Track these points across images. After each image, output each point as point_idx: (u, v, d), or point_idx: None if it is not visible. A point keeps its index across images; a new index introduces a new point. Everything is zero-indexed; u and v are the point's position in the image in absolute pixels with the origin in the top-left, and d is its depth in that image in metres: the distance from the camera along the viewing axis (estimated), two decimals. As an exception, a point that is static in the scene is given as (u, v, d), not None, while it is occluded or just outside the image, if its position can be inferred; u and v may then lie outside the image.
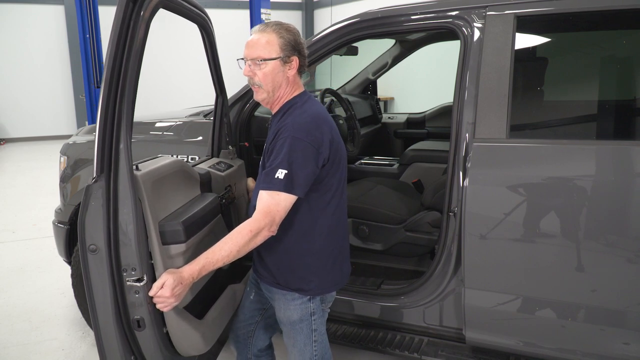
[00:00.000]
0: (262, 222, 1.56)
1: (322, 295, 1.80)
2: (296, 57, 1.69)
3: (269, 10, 9.16)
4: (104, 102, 1.49)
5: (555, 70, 2.15)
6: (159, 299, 1.51)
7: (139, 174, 1.57)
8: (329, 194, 1.70)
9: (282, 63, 1.67)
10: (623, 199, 1.81)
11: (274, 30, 1.66)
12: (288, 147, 1.57)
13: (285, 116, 1.67)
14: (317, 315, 1.79)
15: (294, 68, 1.69)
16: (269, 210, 1.56)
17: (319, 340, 1.82)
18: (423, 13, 2.18)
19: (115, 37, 1.49)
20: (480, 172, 1.95)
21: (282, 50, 1.66)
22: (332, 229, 1.74)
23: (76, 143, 2.94)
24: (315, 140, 1.59)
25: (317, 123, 1.63)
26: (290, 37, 1.67)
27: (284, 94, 1.72)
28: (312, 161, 1.59)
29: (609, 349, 1.91)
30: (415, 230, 2.83)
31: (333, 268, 1.77)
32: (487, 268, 2.01)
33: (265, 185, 1.58)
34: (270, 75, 1.67)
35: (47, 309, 3.30)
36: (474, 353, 2.21)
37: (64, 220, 2.84)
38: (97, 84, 9.13)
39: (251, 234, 1.55)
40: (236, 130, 2.54)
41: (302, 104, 1.69)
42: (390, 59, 4.23)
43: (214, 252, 1.55)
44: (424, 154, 3.63)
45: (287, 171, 1.55)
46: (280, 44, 1.65)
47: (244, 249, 1.56)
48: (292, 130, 1.58)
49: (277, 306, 1.81)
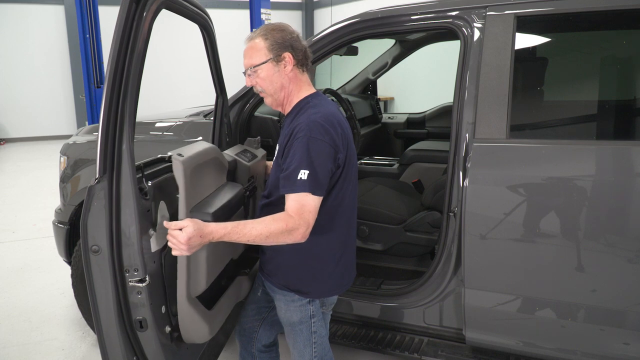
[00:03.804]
0: (297, 222, 1.52)
1: (322, 299, 1.80)
2: (288, 53, 1.67)
3: (269, 10, 9.15)
4: (107, 103, 1.49)
5: (555, 70, 2.15)
6: (172, 239, 1.47)
7: (181, 159, 1.58)
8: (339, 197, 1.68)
9: (274, 63, 1.66)
10: (623, 199, 1.81)
11: (258, 35, 1.68)
12: (306, 147, 1.54)
13: (299, 115, 1.65)
14: (316, 317, 1.79)
15: (289, 64, 1.67)
16: (302, 211, 1.53)
17: (319, 342, 1.81)
18: (423, 13, 2.18)
19: (118, 37, 1.49)
20: (480, 172, 1.95)
21: (270, 52, 1.65)
22: (336, 233, 1.72)
23: (76, 143, 2.94)
24: (332, 139, 1.58)
25: (332, 123, 1.61)
26: (277, 35, 1.66)
27: (290, 93, 1.71)
28: (331, 161, 1.58)
29: (609, 349, 1.92)
30: (415, 230, 2.83)
31: (334, 273, 1.76)
32: (487, 268, 2.02)
33: (289, 188, 1.55)
34: (268, 78, 1.68)
35: (47, 309, 3.30)
36: (474, 353, 2.22)
37: (64, 220, 2.84)
38: (97, 84, 9.13)
39: (285, 227, 1.51)
40: (236, 130, 2.54)
41: (315, 104, 1.68)
42: (390, 59, 4.23)
43: (245, 226, 1.51)
44: (424, 154, 3.63)
45: (309, 171, 1.52)
46: (267, 45, 1.66)
47: (273, 239, 1.52)
48: (308, 130, 1.56)
49: (278, 306, 1.81)
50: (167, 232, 1.50)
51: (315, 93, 1.75)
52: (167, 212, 1.72)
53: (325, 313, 1.87)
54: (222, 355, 2.53)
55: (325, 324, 1.89)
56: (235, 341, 2.82)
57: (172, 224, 1.49)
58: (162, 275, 1.68)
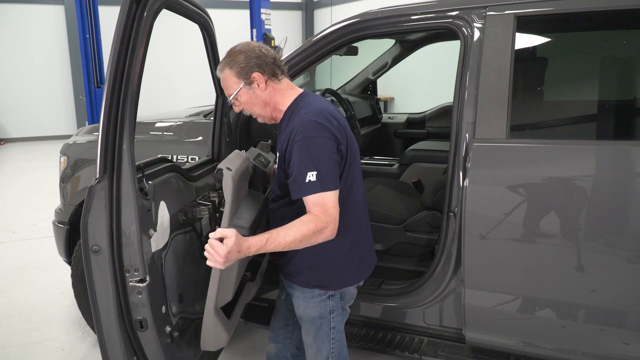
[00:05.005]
0: (325, 220, 1.53)
1: (342, 292, 1.81)
2: (256, 73, 1.67)
3: (269, 10, 9.15)
4: (107, 103, 1.49)
5: (555, 70, 2.15)
6: (211, 250, 1.46)
7: (231, 174, 1.60)
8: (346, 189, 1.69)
9: (247, 87, 1.69)
10: (623, 199, 1.81)
11: (225, 66, 1.71)
12: (307, 149, 1.55)
13: (292, 119, 1.66)
14: (336, 312, 1.80)
15: (261, 82, 1.68)
16: (325, 208, 1.54)
17: (337, 338, 1.83)
18: (423, 13, 2.18)
19: (118, 38, 1.49)
20: (480, 172, 1.95)
21: (239, 78, 1.68)
22: (353, 224, 1.73)
23: (76, 143, 2.94)
24: (330, 133, 1.59)
25: (326, 117, 1.62)
26: (240, 59, 1.67)
27: (275, 105, 1.73)
28: (334, 154, 1.59)
29: (609, 349, 1.92)
30: (415, 230, 2.83)
31: (352, 262, 1.77)
32: (487, 268, 2.02)
33: (302, 192, 1.56)
34: (249, 101, 1.72)
35: (47, 309, 3.30)
36: (474, 353, 2.21)
37: (64, 220, 2.84)
38: (97, 84, 9.12)
39: (316, 228, 1.52)
40: (236, 130, 2.54)
41: (305, 104, 1.69)
42: (390, 59, 4.23)
43: (277, 235, 1.52)
44: (424, 154, 3.63)
45: (316, 172, 1.53)
46: (235, 73, 1.68)
47: (306, 242, 1.53)
48: (305, 130, 1.57)
49: (296, 303, 1.81)
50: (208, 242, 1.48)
51: (302, 94, 1.75)
52: (167, 212, 1.72)
53: (344, 309, 1.88)
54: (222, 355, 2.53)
55: (343, 320, 1.90)
56: (235, 341, 2.83)
57: (216, 232, 1.48)
58: (162, 275, 1.68)
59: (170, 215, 1.73)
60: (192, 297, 1.92)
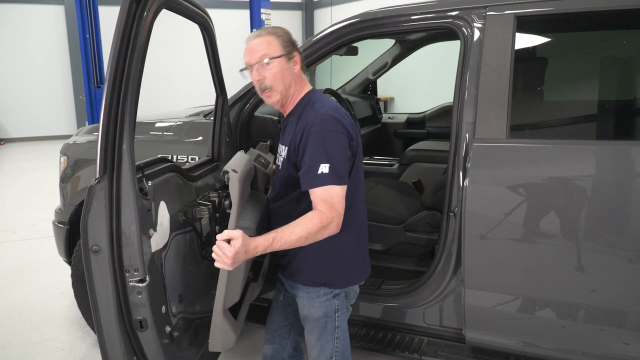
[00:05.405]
0: (330, 215, 1.53)
1: (346, 291, 1.81)
2: (297, 53, 1.71)
3: (269, 10, 9.15)
4: (107, 103, 1.49)
5: (555, 70, 2.15)
6: (218, 251, 1.45)
7: (237, 176, 1.60)
8: (354, 185, 1.70)
9: (287, 60, 1.68)
10: (623, 199, 1.81)
11: (269, 33, 1.69)
12: (321, 141, 1.56)
13: (306, 112, 1.67)
14: (341, 311, 1.80)
15: (298, 63, 1.71)
16: (331, 204, 1.54)
17: (341, 337, 1.83)
18: (423, 13, 2.18)
19: (118, 38, 1.49)
20: (480, 172, 1.95)
21: (284, 48, 1.67)
22: (356, 220, 1.74)
23: (76, 143, 2.94)
24: (345, 128, 1.61)
25: (340, 113, 1.65)
26: (285, 35, 1.70)
27: (294, 92, 1.73)
28: (347, 148, 1.61)
29: (609, 349, 1.92)
30: (415, 230, 2.83)
31: (358, 259, 1.78)
32: (487, 268, 2.02)
33: (312, 183, 1.56)
34: (280, 74, 1.67)
35: (47, 309, 3.30)
36: (474, 353, 2.22)
37: (64, 220, 2.84)
38: (97, 84, 9.12)
39: (321, 224, 1.52)
40: (236, 130, 2.54)
41: (318, 98, 1.71)
42: (390, 59, 4.23)
43: (283, 233, 1.51)
44: (424, 154, 3.63)
45: (329, 164, 1.54)
46: (281, 42, 1.67)
47: (311, 238, 1.53)
48: (322, 123, 1.58)
49: (300, 303, 1.81)
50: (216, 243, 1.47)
51: (313, 89, 1.78)
52: (167, 212, 1.72)
53: (348, 308, 1.88)
54: (222, 355, 2.53)
55: (346, 319, 1.90)
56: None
57: (223, 233, 1.47)
58: (162, 276, 1.68)
59: (170, 215, 1.73)
60: (192, 297, 1.92)
